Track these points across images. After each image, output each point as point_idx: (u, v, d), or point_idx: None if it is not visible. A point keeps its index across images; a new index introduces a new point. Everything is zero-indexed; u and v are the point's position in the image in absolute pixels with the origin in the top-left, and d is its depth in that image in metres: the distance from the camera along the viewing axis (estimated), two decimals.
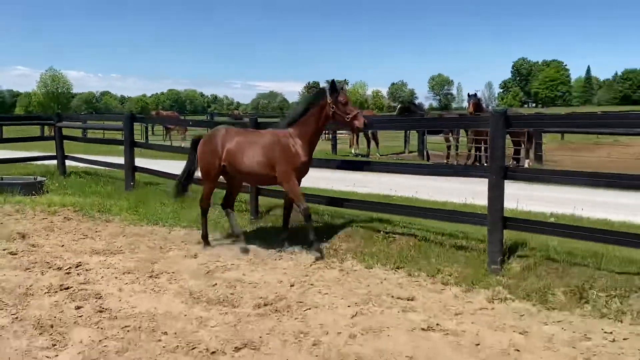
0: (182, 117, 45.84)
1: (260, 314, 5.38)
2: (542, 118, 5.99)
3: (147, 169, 12.55)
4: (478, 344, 4.58)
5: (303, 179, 7.49)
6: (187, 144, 27.06)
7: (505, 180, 6.02)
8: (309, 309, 5.46)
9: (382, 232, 7.52)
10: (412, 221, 7.80)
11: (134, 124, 12.86)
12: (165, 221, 9.43)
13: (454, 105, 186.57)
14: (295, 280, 6.32)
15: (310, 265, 6.93)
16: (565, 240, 6.61)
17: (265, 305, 5.59)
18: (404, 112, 20.06)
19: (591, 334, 4.70)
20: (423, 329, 4.90)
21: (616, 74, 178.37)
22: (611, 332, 4.69)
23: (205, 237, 7.96)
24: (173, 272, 6.73)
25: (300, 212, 7.24)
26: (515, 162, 16.14)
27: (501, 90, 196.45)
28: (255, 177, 7.41)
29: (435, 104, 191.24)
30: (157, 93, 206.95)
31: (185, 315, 5.35)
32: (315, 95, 7.20)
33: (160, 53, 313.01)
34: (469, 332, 4.81)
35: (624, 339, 4.58)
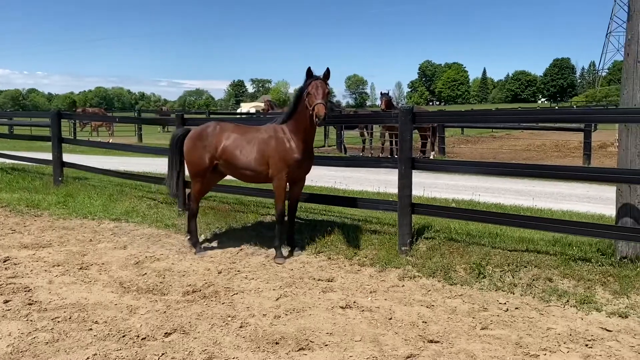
0: (110, 114, 44.10)
1: (189, 300, 5.27)
2: (444, 114, 6.20)
3: (75, 164, 11.99)
4: (390, 318, 4.71)
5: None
6: (114, 139, 26.23)
7: (413, 170, 6.20)
8: (236, 293, 5.42)
9: (304, 220, 7.56)
10: (330, 209, 7.88)
11: (62, 120, 12.22)
12: (94, 215, 9.05)
13: (368, 102, 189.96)
14: (223, 268, 6.24)
15: (237, 253, 6.86)
16: (464, 222, 6.94)
17: (194, 292, 5.49)
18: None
19: (488, 305, 4.94)
20: (341, 307, 4.97)
21: (508, 75, 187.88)
22: (505, 303, 4.95)
23: (196, 243, 7.07)
24: (103, 264, 6.48)
25: (275, 215, 6.65)
26: (422, 154, 16.67)
27: (409, 90, 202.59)
28: (252, 174, 6.61)
29: (351, 101, 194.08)
30: (84, 90, 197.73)
31: (116, 304, 5.16)
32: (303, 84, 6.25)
33: (87, 51, 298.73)
34: (382, 308, 4.94)
35: (515, 309, 4.84)
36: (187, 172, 7.04)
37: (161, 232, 8.07)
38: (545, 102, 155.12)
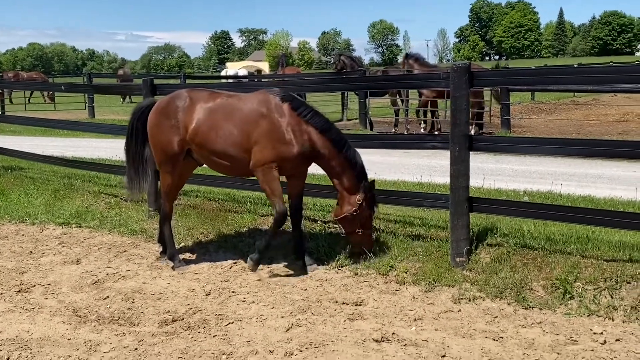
0: (50, 80, 44.41)
1: (168, 332, 5.32)
2: (512, 74, 6.17)
3: (4, 149, 12.09)
4: (444, 356, 4.71)
5: None
6: (56, 115, 26.26)
7: (471, 152, 6.17)
8: (231, 322, 5.46)
9: (319, 222, 7.57)
10: None
11: None
12: (34, 218, 9.14)
13: (400, 59, 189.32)
14: (212, 288, 6.29)
15: (230, 268, 6.91)
16: (542, 223, 6.91)
17: (174, 321, 5.54)
18: (342, 70, 20.26)
19: (578, 336, 4.92)
20: (376, 340, 4.98)
21: (593, 17, 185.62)
22: (601, 333, 4.93)
23: (174, 255, 7.08)
24: (49, 284, 6.57)
25: (274, 213, 6.64)
26: (477, 129, 16.64)
27: (457, 40, 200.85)
28: (230, 164, 6.61)
29: (377, 57, 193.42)
30: (13, 49, 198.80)
31: (69, 339, 5.22)
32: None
33: None
34: (432, 341, 4.94)
35: (616, 341, 4.82)
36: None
37: (126, 240, 8.16)
38: None
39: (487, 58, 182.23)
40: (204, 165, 7.07)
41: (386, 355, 4.74)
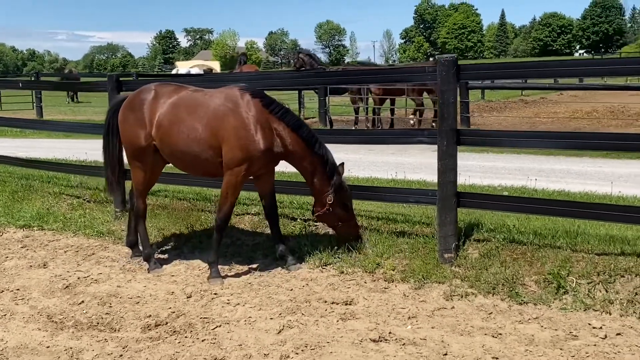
0: None
1: (152, 338, 5.08)
2: (502, 67, 6.03)
3: None
4: (445, 354, 4.58)
5: None
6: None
7: (458, 147, 6.07)
8: (219, 326, 5.24)
9: (298, 220, 7.39)
10: None
11: None
12: None
13: (347, 59, 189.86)
14: (193, 290, 6.06)
15: (208, 269, 6.66)
16: (525, 217, 6.87)
17: (158, 325, 5.30)
18: (301, 68, 20.11)
19: (577, 331, 4.85)
20: (373, 340, 4.84)
21: (534, 19, 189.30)
22: (601, 327, 4.87)
23: (150, 257, 6.80)
24: (17, 289, 6.28)
25: (215, 220, 6.48)
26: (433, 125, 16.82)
27: (403, 41, 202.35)
28: (195, 162, 6.36)
29: (324, 58, 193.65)
30: None
31: (48, 347, 4.96)
32: None
33: None
34: (431, 340, 4.81)
35: (617, 335, 4.76)
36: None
37: (93, 242, 7.86)
38: (585, 53, 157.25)
39: (431, 59, 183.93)
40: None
41: (387, 356, 4.59)
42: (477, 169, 10.77)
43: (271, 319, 5.34)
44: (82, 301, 5.89)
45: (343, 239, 6.59)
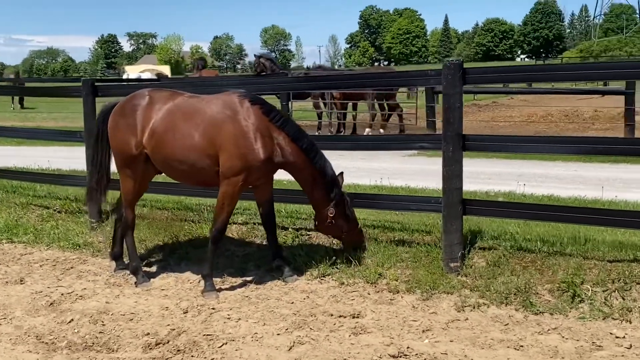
0: None
1: (155, 357, 4.77)
2: (507, 70, 5.93)
3: None
4: None
5: None
6: None
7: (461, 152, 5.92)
8: (225, 343, 4.96)
9: (290, 229, 7.14)
10: None
11: None
12: None
13: (292, 63, 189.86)
14: (189, 305, 5.75)
15: (200, 282, 6.37)
16: (523, 224, 6.77)
17: (159, 344, 4.98)
18: (261, 72, 19.84)
19: (600, 341, 4.73)
20: (392, 356, 4.63)
21: (477, 24, 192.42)
22: (624, 337, 4.76)
23: (138, 270, 6.45)
24: None
25: (210, 231, 6.20)
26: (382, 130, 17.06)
27: (348, 46, 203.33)
28: (190, 170, 6.05)
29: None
30: None
31: None
32: None
33: None
34: (452, 354, 4.62)
35: None
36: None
37: (70, 255, 7.48)
38: (526, 59, 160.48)
39: (376, 64, 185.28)
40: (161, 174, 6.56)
41: None
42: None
43: (278, 334, 5.08)
44: (72, 319, 5.51)
45: (348, 248, 6.40)
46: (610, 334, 4.84)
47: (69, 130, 11.63)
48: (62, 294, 6.17)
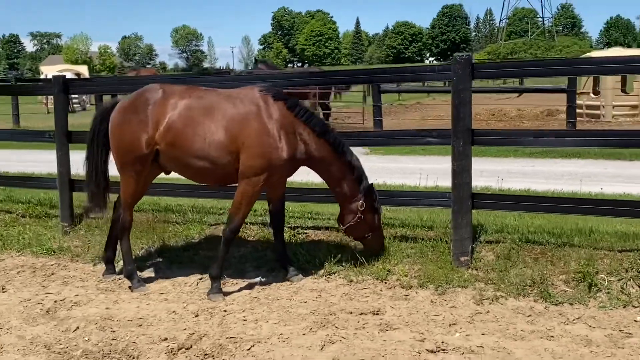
0: None
1: None
2: (515, 65, 6.02)
3: None
4: None
5: None
6: None
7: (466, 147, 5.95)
8: (253, 345, 4.79)
9: (288, 229, 7.00)
10: (319, 210, 7.44)
11: None
12: None
13: (205, 64, 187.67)
14: (198, 308, 5.54)
15: (198, 284, 6.21)
16: (518, 216, 6.88)
17: (183, 349, 4.78)
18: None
19: (628, 329, 4.81)
20: (431, 351, 4.58)
21: (387, 27, 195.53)
22: None
23: (132, 274, 6.18)
24: None
25: (223, 231, 5.94)
26: None
27: (261, 47, 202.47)
28: (210, 168, 5.76)
29: (181, 63, 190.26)
30: None
31: None
32: None
33: None
34: (488, 347, 4.60)
35: None
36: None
37: (46, 261, 7.12)
38: (435, 61, 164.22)
39: (290, 65, 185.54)
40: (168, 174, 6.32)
41: None
42: (435, 172, 10.61)
43: (303, 334, 4.94)
44: (77, 327, 5.20)
45: (369, 252, 6.24)
46: (635, 321, 4.94)
47: (36, 130, 11.03)
48: (55, 301, 5.84)
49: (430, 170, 10.04)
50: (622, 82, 20.74)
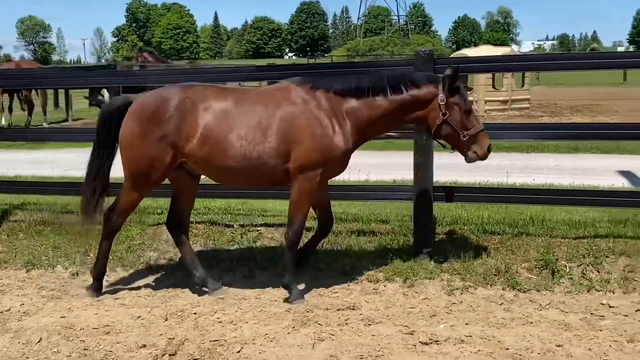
0: None
1: None
2: (473, 61, 6.17)
3: None
4: (507, 349, 4.46)
5: None
6: None
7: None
8: (241, 347, 4.62)
9: (235, 226, 6.82)
10: (266, 207, 7.31)
11: None
12: None
13: (54, 56, 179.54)
14: (164, 312, 5.27)
15: (151, 287, 5.92)
16: (475, 208, 7.07)
17: (166, 355, 4.53)
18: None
19: (599, 311, 5.06)
20: (425, 343, 4.59)
21: (246, 22, 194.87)
22: (617, 306, 5.12)
23: (100, 277, 5.82)
24: None
25: (286, 235, 5.53)
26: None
27: (115, 40, 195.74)
28: (259, 172, 5.33)
29: (27, 55, 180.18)
30: None
31: None
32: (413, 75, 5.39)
33: None
34: (477, 336, 4.66)
35: (637, 311, 5.05)
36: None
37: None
38: (294, 57, 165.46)
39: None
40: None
41: (456, 358, 4.39)
42: (395, 166, 9.94)
43: (288, 333, 4.81)
44: (40, 338, 4.79)
45: (471, 156, 5.51)
46: (602, 304, 5.20)
47: None
48: (1, 312, 5.38)
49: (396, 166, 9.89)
50: (492, 79, 21.75)
